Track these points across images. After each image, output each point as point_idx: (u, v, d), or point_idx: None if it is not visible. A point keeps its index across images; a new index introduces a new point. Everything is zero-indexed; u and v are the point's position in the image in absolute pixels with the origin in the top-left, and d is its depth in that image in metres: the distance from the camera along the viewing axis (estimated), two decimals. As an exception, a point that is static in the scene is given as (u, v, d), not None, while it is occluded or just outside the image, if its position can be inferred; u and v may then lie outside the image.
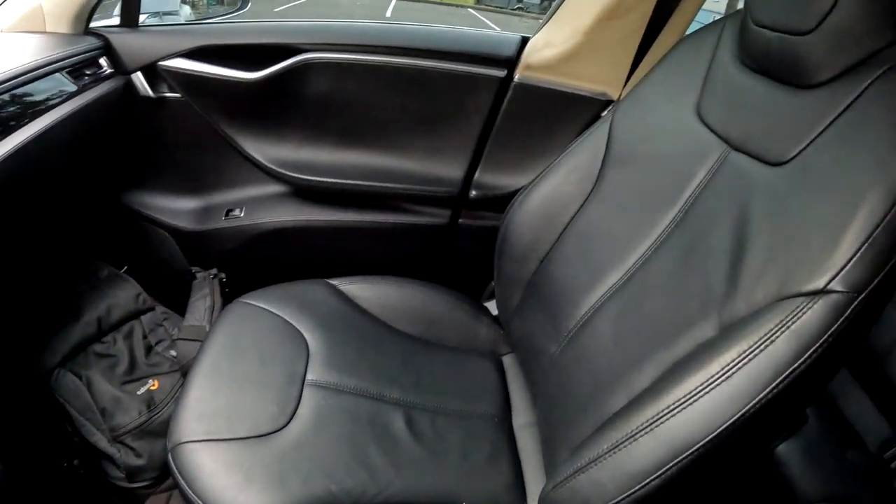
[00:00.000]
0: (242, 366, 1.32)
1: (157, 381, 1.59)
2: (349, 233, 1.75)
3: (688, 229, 1.09)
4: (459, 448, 1.27)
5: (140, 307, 1.75)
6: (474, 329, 1.56)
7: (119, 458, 1.52)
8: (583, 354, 1.17)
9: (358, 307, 1.51)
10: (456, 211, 1.75)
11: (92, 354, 1.63)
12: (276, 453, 1.18)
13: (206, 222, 1.85)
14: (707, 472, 0.86)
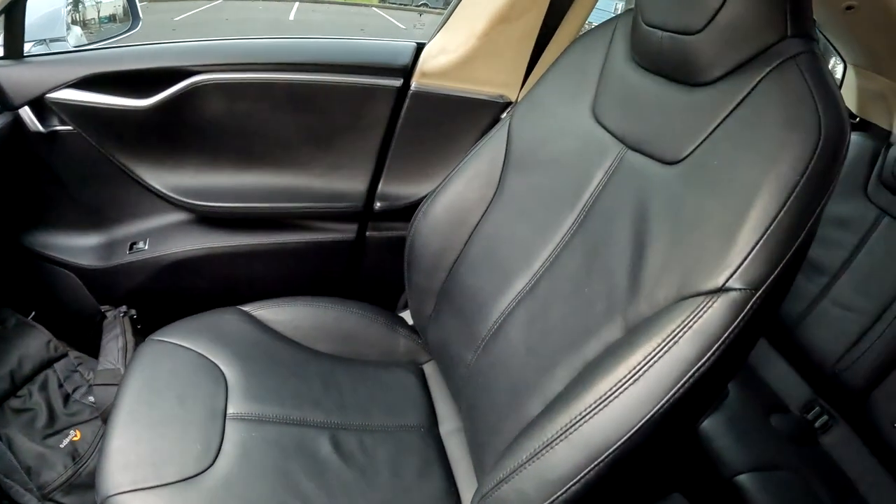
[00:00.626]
0: (161, 407, 1.30)
1: (78, 432, 1.56)
2: (256, 257, 1.74)
3: (589, 231, 1.11)
4: (389, 465, 1.28)
5: (52, 355, 1.72)
6: (392, 341, 1.57)
7: (45, 520, 1.49)
8: (497, 361, 1.19)
9: (273, 332, 1.50)
10: (362, 224, 1.75)
11: (9, 411, 1.59)
12: (205, 495, 1.17)
13: (110, 258, 1.82)
14: (626, 471, 0.89)
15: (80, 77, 1.62)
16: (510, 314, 1.20)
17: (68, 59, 1.68)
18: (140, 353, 1.43)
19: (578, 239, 1.13)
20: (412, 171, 1.74)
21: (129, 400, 1.32)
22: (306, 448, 1.27)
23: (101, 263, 1.82)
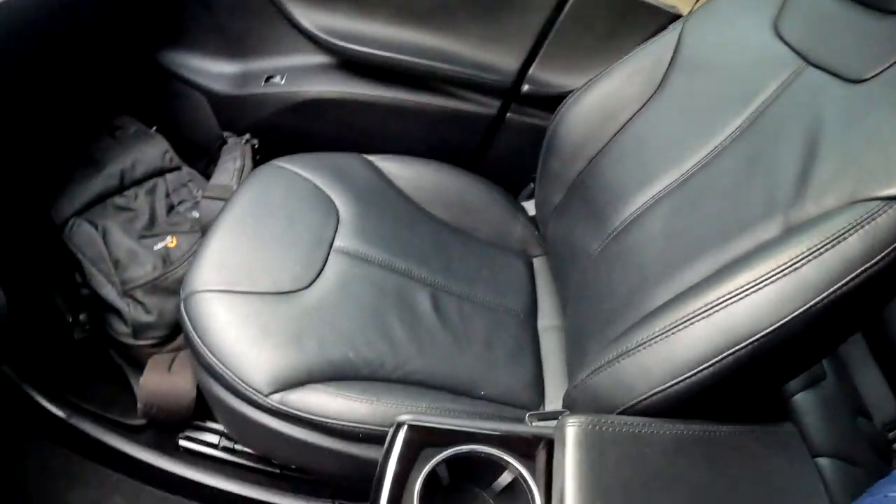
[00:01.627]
0: (268, 224, 1.26)
1: (175, 239, 1.53)
2: (391, 112, 1.66)
3: (754, 137, 1.03)
4: (483, 338, 1.23)
5: (166, 165, 1.68)
6: (509, 226, 1.50)
7: (127, 313, 1.46)
8: (628, 250, 1.11)
9: (393, 185, 1.45)
10: (506, 103, 1.66)
11: (111, 206, 1.57)
12: (295, 312, 1.13)
13: (243, 87, 1.77)
14: (762, 368, 0.80)
15: None
16: (652, 206, 1.11)
17: None
18: (257, 172, 1.40)
19: (742, 142, 1.05)
20: (566, 62, 1.64)
21: (238, 211, 1.29)
22: (405, 298, 1.22)
23: (232, 90, 1.77)
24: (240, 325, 1.10)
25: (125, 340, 1.50)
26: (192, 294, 1.15)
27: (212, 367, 1.08)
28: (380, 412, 1.03)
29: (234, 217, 1.27)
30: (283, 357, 1.07)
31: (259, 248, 1.22)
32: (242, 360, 1.07)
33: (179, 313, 1.17)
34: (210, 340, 1.09)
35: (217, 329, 1.10)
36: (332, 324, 1.13)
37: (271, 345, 1.08)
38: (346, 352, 1.10)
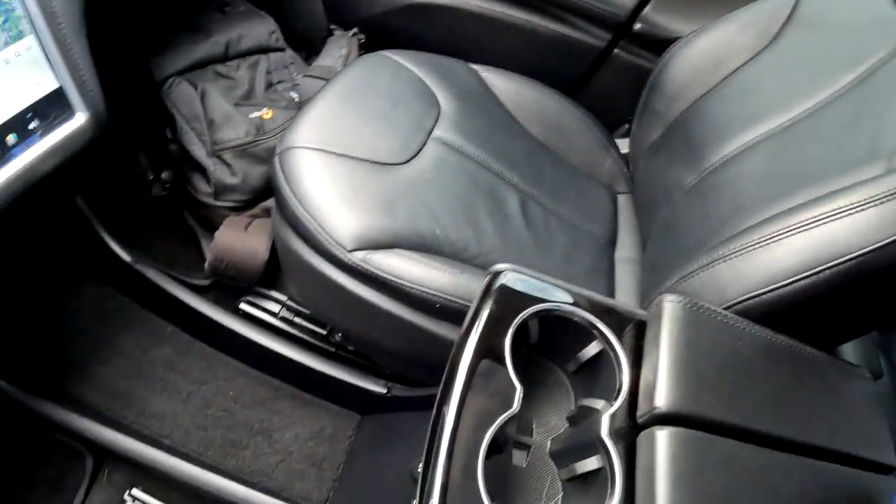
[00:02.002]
0: (371, 102, 1.26)
1: (271, 112, 1.53)
2: (502, 26, 1.64)
3: (863, 91, 1.03)
4: (563, 251, 1.22)
5: (271, 44, 1.69)
6: (600, 157, 1.48)
7: (212, 172, 1.47)
8: (723, 183, 1.10)
9: (494, 95, 1.44)
10: (615, 38, 1.64)
11: (212, 72, 1.58)
12: (388, 182, 1.13)
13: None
14: (854, 295, 0.80)
15: None
16: (753, 146, 1.11)
17: None
18: (365, 57, 1.41)
19: (851, 95, 1.04)
20: (681, 8, 1.61)
21: (342, 86, 1.29)
22: (496, 195, 1.22)
23: None
24: (332, 182, 1.10)
25: (205, 200, 1.52)
26: (288, 149, 1.15)
27: (297, 218, 1.09)
28: (462, 285, 1.03)
29: (339, 90, 1.28)
30: (372, 219, 1.07)
31: (360, 120, 1.22)
32: (330, 215, 1.07)
33: (272, 167, 1.17)
34: (301, 192, 1.10)
35: (309, 182, 1.10)
36: (424, 200, 1.13)
37: (361, 206, 1.08)
38: (433, 228, 1.10)
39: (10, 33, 0.96)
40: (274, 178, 1.16)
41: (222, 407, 1.47)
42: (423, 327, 1.07)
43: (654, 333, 0.72)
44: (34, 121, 1.00)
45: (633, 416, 0.68)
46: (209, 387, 1.49)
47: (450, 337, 1.06)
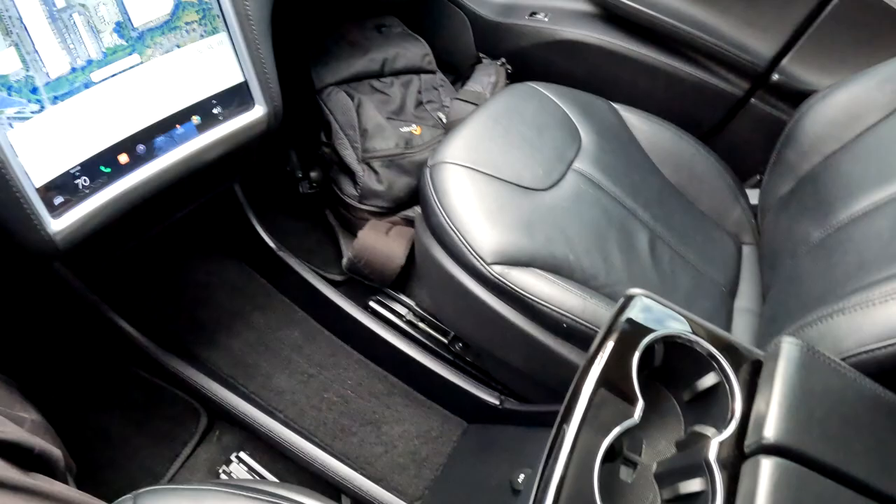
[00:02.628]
0: (518, 128, 1.35)
1: (420, 128, 1.65)
2: (643, 68, 1.72)
3: None
4: (685, 293, 1.27)
5: (424, 66, 1.81)
6: (729, 206, 1.52)
7: (360, 177, 1.59)
8: (850, 240, 1.12)
9: (631, 134, 1.50)
10: (752, 87, 1.69)
11: (368, 85, 1.71)
12: (530, 206, 1.21)
13: (507, 16, 1.87)
14: None
15: None
16: (884, 205, 1.12)
17: None
18: (513, 87, 1.49)
19: None
20: (819, 60, 1.63)
21: (492, 111, 1.38)
22: (627, 230, 1.28)
23: (496, 17, 1.88)
24: (478, 198, 1.19)
25: (350, 202, 1.64)
26: (440, 163, 1.25)
27: (442, 228, 1.18)
28: (590, 309, 1.10)
29: (489, 114, 1.37)
30: (512, 237, 1.15)
31: (507, 144, 1.31)
32: (474, 229, 1.16)
33: (422, 177, 1.27)
34: (447, 204, 1.19)
35: (456, 196, 1.20)
36: (560, 227, 1.20)
37: (503, 223, 1.16)
38: (567, 253, 1.17)
39: (206, 28, 1.10)
40: (422, 189, 1.26)
41: (339, 393, 1.57)
42: (547, 345, 1.14)
43: (769, 371, 0.76)
44: (218, 107, 1.14)
45: (741, 446, 0.72)
46: (329, 373, 1.59)
47: (570, 357, 1.13)
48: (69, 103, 0.99)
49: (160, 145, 1.09)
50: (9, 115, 0.95)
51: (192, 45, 1.09)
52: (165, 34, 1.06)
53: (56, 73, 0.98)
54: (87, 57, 1.00)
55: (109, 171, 1.05)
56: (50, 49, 0.97)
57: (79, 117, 1.00)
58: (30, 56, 0.95)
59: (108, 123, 1.03)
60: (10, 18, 0.92)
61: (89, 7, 0.99)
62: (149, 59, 1.05)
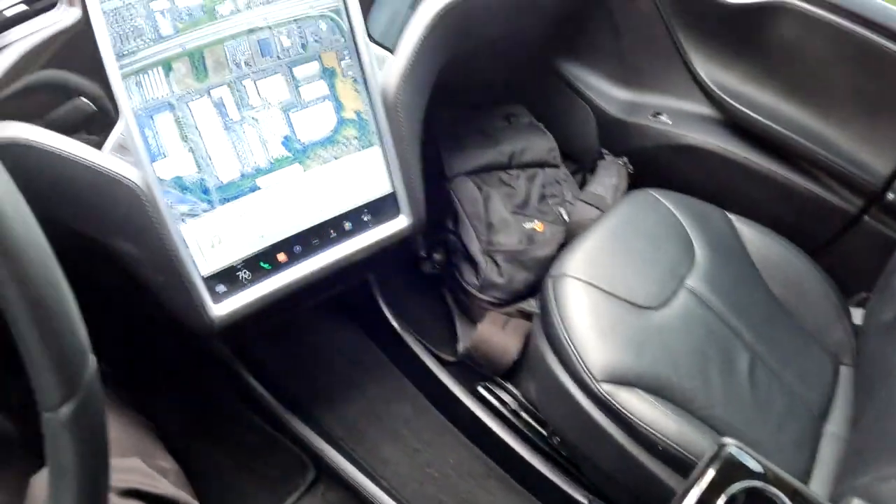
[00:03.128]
0: (636, 242, 1.44)
1: (542, 225, 1.74)
2: (758, 177, 1.76)
3: None
4: (777, 417, 1.31)
5: (549, 160, 1.91)
6: (832, 325, 1.53)
7: (483, 268, 1.69)
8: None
9: (744, 247, 1.55)
10: (866, 205, 1.68)
11: (497, 178, 1.82)
12: (641, 324, 1.29)
13: (630, 115, 1.94)
14: None
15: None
16: None
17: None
18: (634, 195, 1.57)
19: None
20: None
21: (613, 222, 1.47)
22: (729, 352, 1.34)
23: (619, 115, 1.95)
24: (594, 316, 1.28)
25: (470, 290, 1.74)
26: (562, 275, 1.34)
27: (559, 341, 1.27)
28: (686, 435, 1.17)
29: (609, 227, 1.46)
30: (622, 356, 1.23)
31: (625, 260, 1.40)
32: (587, 345, 1.24)
33: (544, 288, 1.36)
34: (566, 318, 1.28)
35: (574, 311, 1.28)
36: (667, 347, 1.28)
37: (614, 342, 1.25)
38: (670, 374, 1.24)
39: (362, 142, 1.23)
40: (544, 297, 1.35)
41: (440, 470, 1.66)
42: (641, 461, 1.20)
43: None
44: (367, 215, 1.27)
45: None
46: (434, 449, 1.69)
47: (661, 476, 1.19)
48: (236, 204, 1.14)
49: (315, 247, 1.23)
50: (182, 212, 1.10)
51: (348, 157, 1.23)
52: (326, 147, 1.20)
53: (226, 177, 1.13)
54: (254, 165, 1.14)
55: (269, 267, 1.19)
56: (222, 156, 1.12)
57: (244, 217, 1.15)
58: (204, 161, 1.10)
59: (269, 225, 1.18)
60: (189, 126, 1.08)
61: (260, 121, 1.13)
62: (309, 168, 1.20)
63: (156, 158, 1.07)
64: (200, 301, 1.15)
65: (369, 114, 1.24)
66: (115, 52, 1.02)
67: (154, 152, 1.07)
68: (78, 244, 1.02)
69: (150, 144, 1.06)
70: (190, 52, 1.08)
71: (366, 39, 1.21)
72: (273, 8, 1.13)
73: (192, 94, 1.09)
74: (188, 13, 1.07)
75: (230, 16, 1.10)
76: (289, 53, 1.15)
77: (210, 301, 1.16)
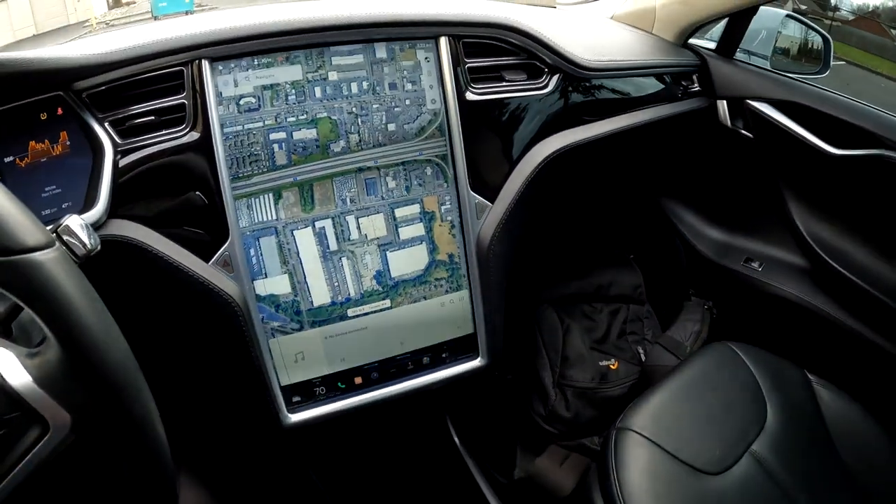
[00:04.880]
0: (708, 401, 1.47)
1: (617, 363, 1.81)
2: (847, 339, 1.77)
3: None
4: None
5: (634, 297, 1.98)
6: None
7: (552, 401, 1.76)
8: None
9: (821, 413, 1.55)
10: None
11: (580, 310, 1.90)
12: (697, 491, 1.32)
13: (722, 257, 1.98)
14: None
15: (783, 99, 1.74)
16: None
17: (775, 78, 1.80)
18: (710, 349, 1.60)
19: None
20: None
21: (687, 376, 1.51)
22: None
23: (712, 256, 1.99)
24: (652, 478, 1.32)
25: (536, 418, 1.81)
26: (627, 429, 1.38)
27: (611, 497, 1.30)
28: None
29: (682, 382, 1.50)
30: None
31: (693, 419, 1.43)
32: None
33: (607, 439, 1.40)
34: (623, 475, 1.32)
35: (633, 469, 1.32)
36: (723, 517, 1.30)
37: (668, 508, 1.29)
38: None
39: (451, 285, 1.33)
40: (604, 450, 1.39)
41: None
42: None
43: None
44: (446, 352, 1.37)
45: None
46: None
47: None
48: (324, 329, 1.26)
49: (391, 375, 1.33)
50: (273, 327, 1.21)
51: (436, 298, 1.33)
52: (416, 286, 1.31)
53: (318, 302, 1.24)
54: (346, 295, 1.25)
55: (344, 387, 1.30)
56: (317, 283, 1.24)
57: (329, 341, 1.26)
58: (300, 285, 1.22)
59: (352, 350, 1.29)
60: (290, 251, 1.21)
61: (357, 255, 1.24)
62: (397, 305, 1.30)
63: (256, 277, 1.20)
64: (276, 408, 1.26)
65: (462, 259, 1.33)
66: (231, 174, 1.16)
67: (255, 270, 1.19)
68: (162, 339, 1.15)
69: (252, 263, 1.19)
70: (300, 183, 1.21)
71: (468, 187, 1.31)
72: (383, 150, 1.25)
73: (298, 222, 1.21)
74: (303, 147, 1.20)
75: (342, 154, 1.22)
76: (392, 194, 1.26)
77: (284, 409, 1.27)
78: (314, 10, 1.22)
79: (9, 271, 0.63)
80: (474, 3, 1.42)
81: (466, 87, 1.31)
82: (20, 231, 0.64)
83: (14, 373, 0.69)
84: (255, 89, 1.17)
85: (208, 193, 1.15)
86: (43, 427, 0.70)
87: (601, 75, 1.51)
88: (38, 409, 0.69)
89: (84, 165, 1.10)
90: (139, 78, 1.13)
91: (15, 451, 0.69)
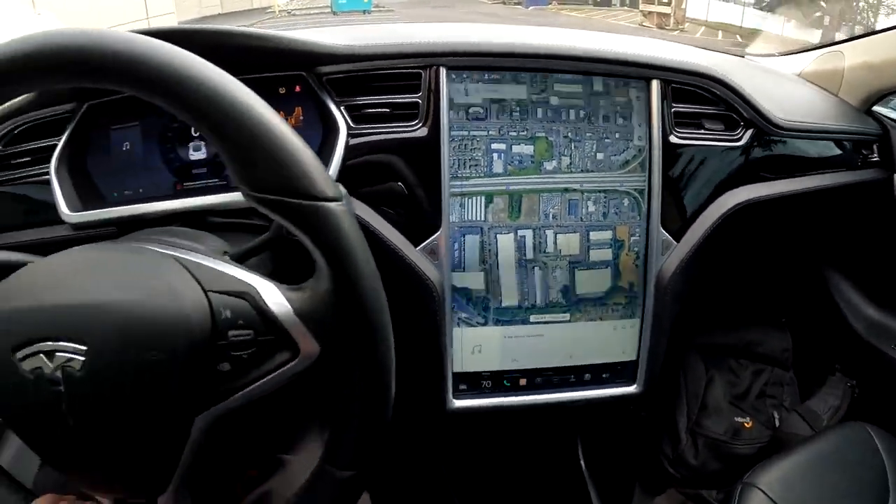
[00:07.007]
0: (833, 477, 1.51)
1: (752, 423, 1.90)
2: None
3: None
4: None
5: (780, 360, 2.06)
6: None
7: (682, 445, 1.87)
8: None
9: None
10: None
11: (726, 364, 2.00)
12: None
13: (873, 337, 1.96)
14: None
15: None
16: None
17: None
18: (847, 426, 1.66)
19: None
20: None
21: (815, 452, 1.57)
22: None
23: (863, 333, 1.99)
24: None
25: (663, 460, 1.92)
26: (754, 486, 1.45)
27: None
28: None
29: (814, 451, 1.55)
30: None
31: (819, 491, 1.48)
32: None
33: (733, 491, 1.47)
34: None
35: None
36: None
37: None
38: None
39: (626, 311, 1.47)
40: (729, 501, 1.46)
41: None
42: None
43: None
44: (606, 373, 1.50)
45: None
46: None
47: None
48: (505, 328, 1.41)
49: (553, 384, 1.47)
50: (460, 317, 1.37)
51: (610, 320, 1.46)
52: (595, 307, 1.44)
53: (506, 303, 1.39)
54: (533, 301, 1.40)
55: (509, 385, 1.44)
56: (508, 285, 1.39)
57: (507, 340, 1.41)
58: (492, 284, 1.38)
59: (525, 353, 1.43)
60: (489, 251, 1.37)
61: (549, 267, 1.39)
62: (575, 320, 1.44)
63: (455, 269, 1.36)
64: (445, 393, 1.42)
65: (640, 289, 1.46)
66: (451, 172, 1.33)
67: (455, 263, 1.36)
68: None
69: (454, 256, 1.35)
70: (511, 192, 1.36)
71: (658, 223, 1.43)
72: (589, 176, 1.39)
73: (502, 227, 1.37)
74: (519, 160, 1.36)
75: (553, 173, 1.37)
76: (591, 218, 1.40)
77: (451, 394, 1.42)
78: (543, 37, 1.40)
79: (310, 215, 0.76)
80: (681, 50, 1.57)
81: (671, 129, 1.43)
82: (322, 182, 0.77)
83: (276, 302, 0.81)
84: (484, 101, 1.34)
85: (429, 186, 1.32)
86: (292, 353, 0.82)
87: (791, 135, 1.59)
88: (293, 336, 0.81)
89: (313, 143, 1.28)
90: (380, 73, 1.32)
91: (261, 369, 0.81)
